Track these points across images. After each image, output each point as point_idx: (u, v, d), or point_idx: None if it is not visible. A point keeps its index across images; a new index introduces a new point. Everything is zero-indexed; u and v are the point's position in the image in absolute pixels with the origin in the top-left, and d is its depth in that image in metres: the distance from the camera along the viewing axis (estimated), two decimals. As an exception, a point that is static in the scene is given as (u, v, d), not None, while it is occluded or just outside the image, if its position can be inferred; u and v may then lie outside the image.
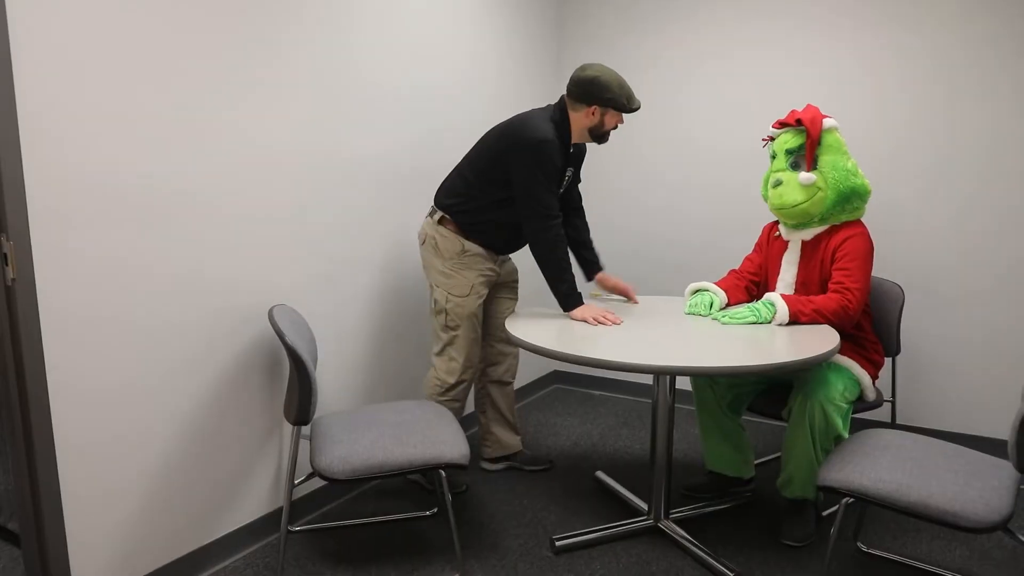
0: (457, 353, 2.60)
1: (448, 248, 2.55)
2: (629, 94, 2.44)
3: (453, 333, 2.59)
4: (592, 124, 2.47)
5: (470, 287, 2.57)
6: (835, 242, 2.43)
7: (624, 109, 2.45)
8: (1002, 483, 1.82)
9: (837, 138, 2.45)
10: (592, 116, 2.45)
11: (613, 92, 2.40)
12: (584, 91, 2.41)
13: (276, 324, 2.02)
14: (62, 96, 1.72)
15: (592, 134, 2.50)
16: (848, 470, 1.89)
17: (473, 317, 2.60)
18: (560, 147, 2.42)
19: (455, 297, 2.56)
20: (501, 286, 2.76)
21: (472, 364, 2.64)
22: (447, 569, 2.22)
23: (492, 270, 2.63)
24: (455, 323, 2.58)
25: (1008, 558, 2.29)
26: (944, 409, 3.12)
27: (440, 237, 2.56)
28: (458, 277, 2.56)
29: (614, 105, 2.42)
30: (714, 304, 2.51)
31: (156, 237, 1.96)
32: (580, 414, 3.63)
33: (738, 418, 2.61)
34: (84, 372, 1.82)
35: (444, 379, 2.62)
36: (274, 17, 2.22)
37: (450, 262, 2.56)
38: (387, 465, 1.99)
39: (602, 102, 2.42)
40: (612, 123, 2.49)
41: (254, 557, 2.28)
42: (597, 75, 2.40)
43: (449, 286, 2.57)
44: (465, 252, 2.56)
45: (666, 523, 2.40)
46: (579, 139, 2.52)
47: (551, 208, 2.41)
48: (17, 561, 2.20)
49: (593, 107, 2.43)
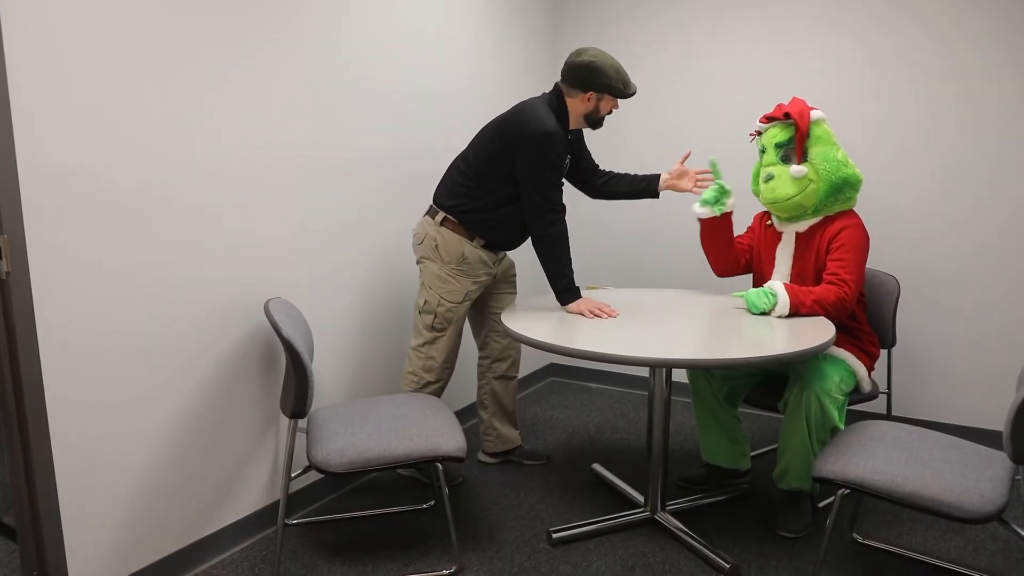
0: (437, 353, 2.58)
1: (448, 252, 2.51)
2: (625, 79, 2.41)
3: (437, 334, 2.57)
4: (588, 110, 2.45)
5: (464, 294, 2.55)
6: (830, 233, 2.43)
7: (620, 95, 2.42)
8: (997, 474, 1.82)
9: (825, 129, 2.45)
10: (588, 102, 2.43)
11: (609, 77, 2.37)
12: (580, 76, 2.39)
13: (272, 317, 2.01)
14: (57, 93, 1.71)
15: (587, 120, 2.48)
16: (844, 461, 1.89)
17: (461, 321, 2.60)
18: (565, 137, 2.41)
19: (447, 302, 2.54)
20: (501, 281, 2.75)
21: (450, 365, 2.63)
22: (444, 562, 2.22)
23: (489, 274, 2.61)
24: (442, 326, 2.56)
25: (1003, 549, 2.30)
26: (939, 401, 3.13)
27: (441, 239, 2.51)
28: (454, 283, 2.53)
29: (609, 91, 2.40)
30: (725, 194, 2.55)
31: (151, 234, 1.95)
32: (577, 406, 3.63)
33: (734, 410, 2.62)
34: (80, 367, 1.82)
35: (421, 376, 2.59)
36: (270, 17, 2.21)
37: (448, 267, 2.52)
38: (384, 458, 1.99)
39: (598, 87, 2.39)
40: (607, 108, 2.47)
41: (251, 551, 2.28)
42: (592, 60, 2.37)
43: (444, 291, 2.53)
44: (465, 259, 2.51)
45: (663, 515, 2.41)
46: (576, 125, 2.51)
47: (556, 203, 2.40)
48: (13, 555, 2.19)
49: (589, 93, 2.41)
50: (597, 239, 3.87)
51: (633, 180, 2.72)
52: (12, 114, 1.63)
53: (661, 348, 1.95)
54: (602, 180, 2.74)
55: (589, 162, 2.73)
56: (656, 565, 2.20)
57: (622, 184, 2.72)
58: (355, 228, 2.63)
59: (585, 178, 2.73)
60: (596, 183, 2.74)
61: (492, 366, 2.81)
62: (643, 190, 2.70)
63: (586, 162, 2.72)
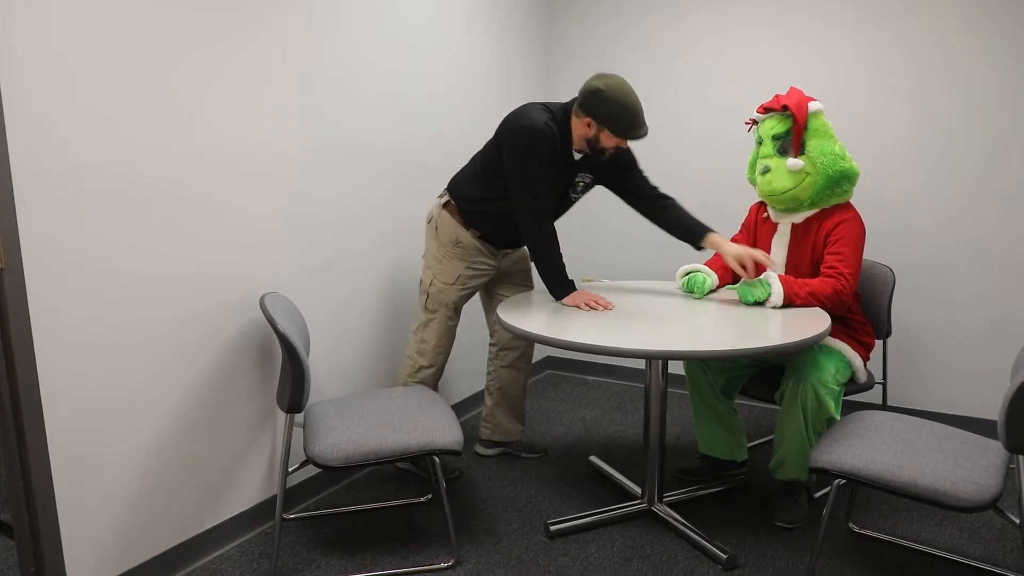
0: (429, 336, 2.63)
1: (445, 234, 2.56)
2: (632, 121, 2.24)
3: (430, 316, 2.62)
4: (588, 136, 2.33)
5: (455, 277, 2.57)
6: (828, 226, 2.43)
7: (620, 135, 2.28)
8: (991, 463, 1.83)
9: (823, 121, 2.43)
10: (588, 128, 2.31)
11: (611, 111, 2.23)
12: (585, 99, 2.27)
13: (268, 311, 2.01)
14: (50, 87, 1.69)
15: (590, 146, 2.36)
16: (840, 451, 1.90)
17: (451, 307, 2.61)
18: (555, 142, 2.33)
19: (439, 283, 2.58)
20: (513, 273, 2.74)
21: (443, 351, 2.65)
22: (442, 555, 2.22)
23: (487, 264, 2.62)
24: (434, 307, 2.61)
25: (997, 537, 2.32)
26: (934, 390, 3.14)
27: (441, 222, 2.57)
28: (447, 264, 2.57)
29: (609, 126, 2.26)
30: (706, 283, 2.52)
31: (146, 228, 1.94)
32: (573, 399, 3.64)
33: (731, 402, 2.62)
34: (75, 362, 1.81)
35: (415, 359, 2.65)
36: (264, 10, 2.19)
37: (443, 248, 2.57)
38: (381, 452, 1.99)
39: (597, 118, 2.26)
40: (609, 143, 2.32)
41: (249, 545, 2.28)
42: (601, 89, 2.23)
43: (437, 271, 2.58)
44: (458, 243, 2.55)
45: (660, 506, 2.42)
46: (579, 146, 2.39)
47: (541, 198, 2.37)
48: (10, 552, 2.19)
49: (588, 119, 2.29)
50: (592, 231, 3.87)
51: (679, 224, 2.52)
52: (4, 108, 1.62)
53: (657, 340, 1.95)
54: (651, 204, 2.56)
55: (634, 182, 2.56)
56: (653, 556, 2.21)
57: (666, 221, 2.54)
58: (350, 222, 2.62)
59: (631, 199, 2.58)
60: (644, 203, 2.57)
61: (499, 354, 2.82)
62: (684, 236, 2.53)
63: (630, 182, 2.55)
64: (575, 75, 3.80)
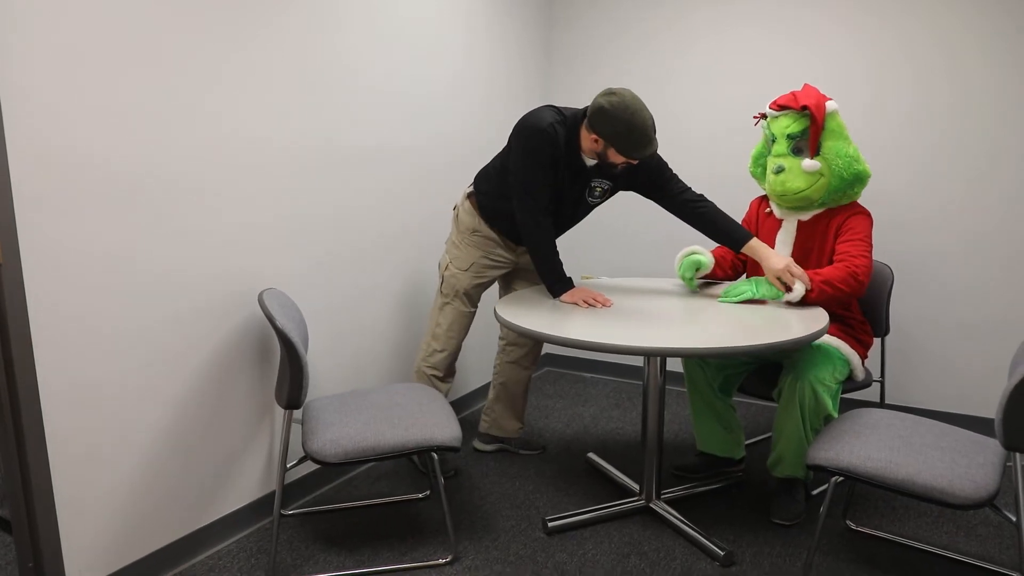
0: (444, 320, 2.67)
1: (465, 222, 2.63)
2: (637, 141, 2.20)
3: (445, 300, 2.67)
4: (595, 150, 2.32)
5: (470, 264, 2.62)
6: (837, 221, 2.44)
7: (625, 154, 2.25)
8: (988, 460, 1.84)
9: (839, 122, 2.42)
10: (595, 143, 2.29)
11: (616, 130, 2.20)
12: (591, 116, 2.25)
13: (266, 307, 2.01)
14: (49, 82, 1.69)
15: (599, 159, 2.34)
16: (837, 449, 1.91)
17: (464, 295, 2.63)
18: (558, 144, 2.32)
19: (454, 267, 2.64)
20: (531, 270, 2.74)
21: (455, 336, 2.68)
22: (440, 551, 2.23)
23: (503, 257, 2.65)
24: (447, 291, 2.66)
25: (994, 534, 2.32)
26: (932, 389, 3.15)
27: (463, 211, 2.64)
28: (464, 250, 2.63)
29: (613, 144, 2.23)
30: (701, 266, 2.54)
31: (145, 224, 1.94)
32: (571, 396, 3.64)
33: (729, 399, 2.63)
34: (73, 357, 1.81)
35: (430, 342, 2.69)
36: (266, 9, 2.19)
37: (462, 235, 2.63)
38: (379, 448, 2.00)
39: (603, 136, 2.24)
40: (617, 160, 2.29)
41: (247, 541, 2.29)
42: (606, 107, 2.20)
43: (454, 256, 2.65)
44: (476, 232, 2.61)
45: (657, 503, 2.42)
46: (590, 156, 2.36)
47: (539, 198, 2.37)
48: (9, 547, 2.19)
49: (595, 135, 2.27)
50: (591, 229, 3.87)
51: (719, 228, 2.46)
52: (3, 103, 1.62)
53: (655, 337, 1.95)
54: (689, 207, 2.49)
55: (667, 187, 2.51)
56: (651, 553, 2.21)
57: (706, 225, 2.48)
58: (350, 220, 2.63)
59: (667, 203, 2.53)
60: (681, 208, 2.51)
61: (507, 349, 2.84)
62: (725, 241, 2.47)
63: (662, 188, 2.51)
64: (575, 75, 3.80)
